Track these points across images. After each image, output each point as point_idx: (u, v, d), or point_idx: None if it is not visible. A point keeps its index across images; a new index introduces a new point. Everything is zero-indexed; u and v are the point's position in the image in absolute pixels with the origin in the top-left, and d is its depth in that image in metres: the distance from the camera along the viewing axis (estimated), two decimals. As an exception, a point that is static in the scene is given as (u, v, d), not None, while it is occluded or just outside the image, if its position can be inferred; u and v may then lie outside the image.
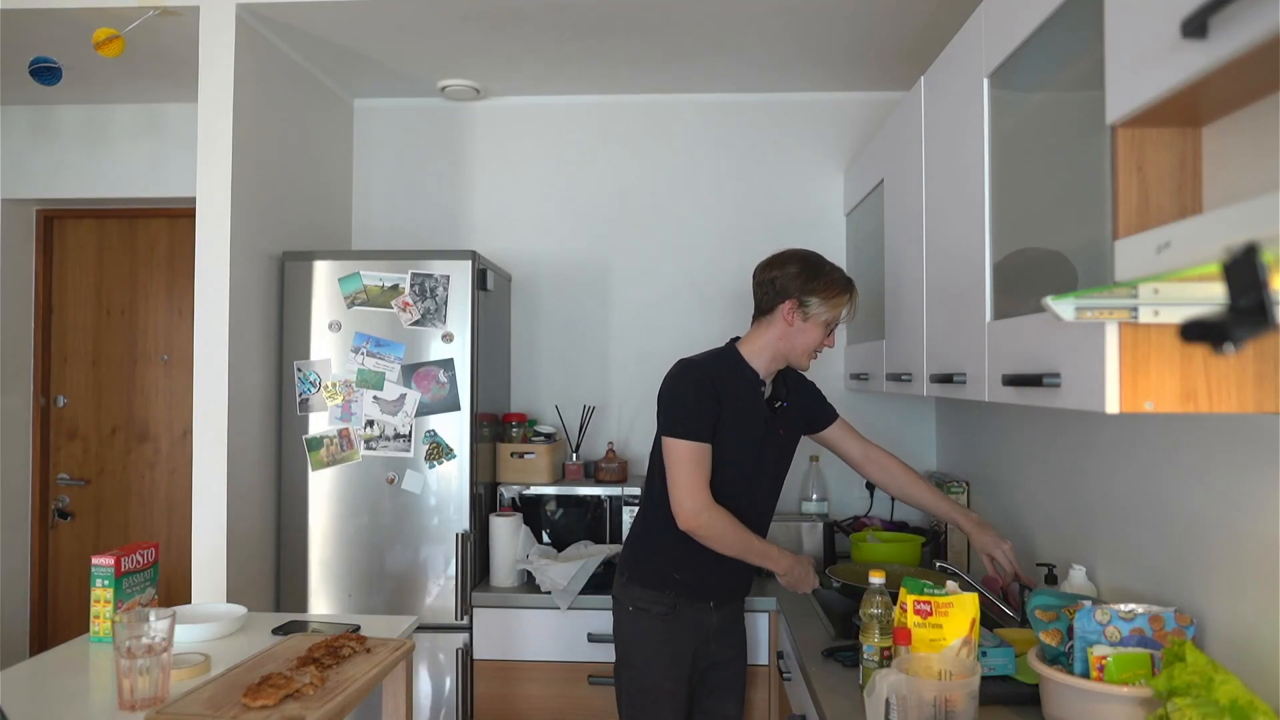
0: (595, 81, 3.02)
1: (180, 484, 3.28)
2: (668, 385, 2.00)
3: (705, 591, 2.05)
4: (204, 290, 2.39)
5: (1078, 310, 1.00)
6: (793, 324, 2.00)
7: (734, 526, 1.95)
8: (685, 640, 2.03)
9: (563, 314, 3.17)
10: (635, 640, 2.04)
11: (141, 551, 1.93)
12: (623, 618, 2.06)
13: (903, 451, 3.05)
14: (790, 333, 2.00)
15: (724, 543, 1.95)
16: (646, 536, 2.07)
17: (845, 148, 3.11)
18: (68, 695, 1.58)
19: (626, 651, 2.05)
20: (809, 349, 2.02)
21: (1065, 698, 1.36)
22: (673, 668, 2.01)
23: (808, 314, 1.98)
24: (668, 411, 1.98)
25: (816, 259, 2.03)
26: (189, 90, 2.89)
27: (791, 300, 1.98)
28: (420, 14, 2.45)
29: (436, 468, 2.55)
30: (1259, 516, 1.28)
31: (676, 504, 1.93)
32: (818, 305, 1.98)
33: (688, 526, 1.93)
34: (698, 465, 1.92)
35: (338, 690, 1.50)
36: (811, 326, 2.00)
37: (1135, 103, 1.03)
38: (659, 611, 2.01)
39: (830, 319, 2.00)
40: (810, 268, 2.00)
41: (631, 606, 2.04)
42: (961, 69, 1.69)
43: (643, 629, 2.02)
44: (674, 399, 1.98)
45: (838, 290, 1.99)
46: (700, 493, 1.92)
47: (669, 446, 1.96)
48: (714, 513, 1.93)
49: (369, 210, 3.22)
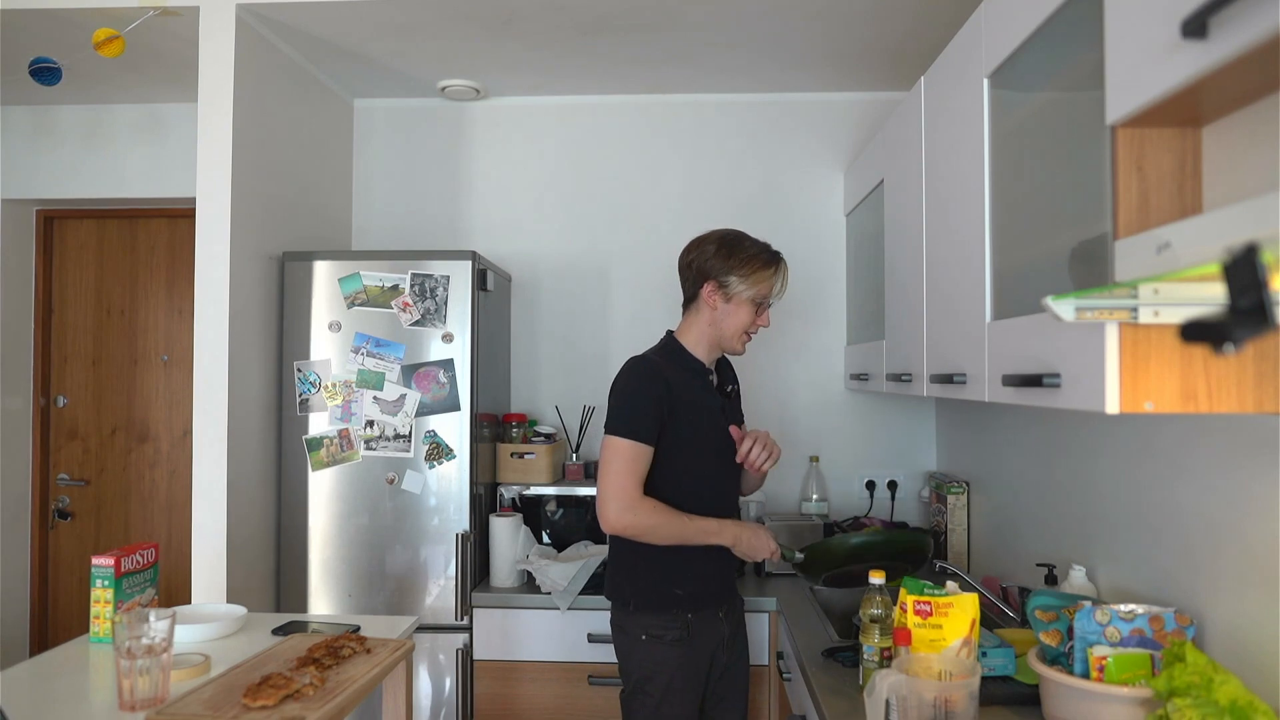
0: (595, 81, 3.02)
1: (180, 484, 3.28)
2: (617, 382, 1.92)
3: (711, 597, 1.96)
4: (204, 290, 2.39)
5: (1078, 310, 1.00)
6: (716, 307, 1.91)
7: (665, 515, 1.84)
8: (701, 660, 1.94)
9: (563, 314, 3.17)
10: (651, 670, 1.91)
11: (141, 552, 1.93)
12: (634, 647, 1.93)
13: (903, 451, 3.06)
14: (716, 316, 1.92)
15: (658, 534, 1.85)
16: (634, 557, 1.94)
17: (845, 148, 3.11)
18: (68, 695, 1.58)
19: (644, 680, 1.91)
20: (738, 331, 1.93)
21: (1065, 698, 1.36)
22: (691, 691, 1.92)
23: (729, 294, 1.90)
24: (613, 408, 1.89)
25: (735, 235, 1.94)
26: (189, 90, 2.89)
27: (711, 282, 1.90)
28: (420, 14, 2.45)
29: (436, 468, 2.55)
30: (1259, 516, 1.28)
31: (601, 504, 1.84)
32: (738, 283, 1.89)
33: (614, 528, 1.84)
34: (631, 464, 1.83)
35: (338, 690, 1.50)
36: (736, 307, 1.90)
37: (1135, 103, 1.03)
38: (674, 638, 1.90)
39: (755, 296, 1.90)
40: (727, 244, 1.91)
41: (644, 635, 1.91)
42: (961, 69, 1.69)
43: (659, 658, 1.90)
44: (621, 396, 1.89)
45: (759, 265, 1.90)
46: (627, 493, 1.82)
47: (606, 444, 1.86)
48: (640, 508, 1.83)
49: (369, 210, 3.22)
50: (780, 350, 3.08)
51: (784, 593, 2.45)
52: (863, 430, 3.09)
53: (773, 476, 3.06)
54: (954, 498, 2.62)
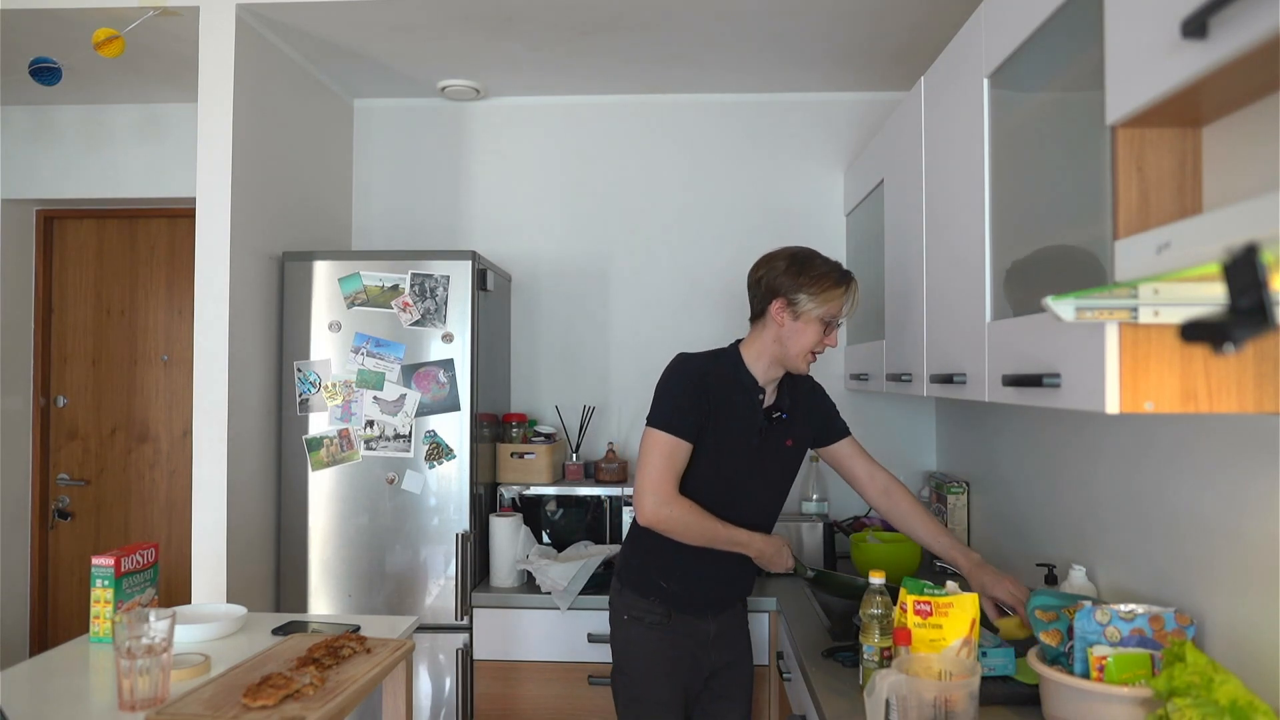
0: (595, 81, 3.02)
1: (180, 484, 3.28)
2: (664, 376, 1.94)
3: (695, 603, 1.99)
4: (204, 290, 2.39)
5: (1078, 310, 1.00)
6: (783, 324, 1.88)
7: (699, 516, 1.87)
8: (681, 648, 1.98)
9: (563, 314, 3.17)
10: (630, 648, 1.99)
11: (141, 552, 1.93)
12: (618, 625, 2.02)
13: (903, 451, 3.06)
14: (782, 334, 1.89)
15: (689, 534, 1.87)
16: (635, 542, 2.03)
17: (845, 148, 3.11)
18: (68, 695, 1.58)
19: (622, 659, 2.01)
20: (804, 350, 1.89)
21: (1065, 698, 1.36)
22: (669, 676, 1.96)
23: (798, 312, 1.86)
24: (656, 400, 1.92)
25: (807, 254, 1.91)
26: (189, 90, 2.89)
27: (780, 299, 1.87)
28: (420, 14, 2.45)
29: (436, 468, 2.55)
30: (1259, 516, 1.28)
31: (638, 496, 1.86)
32: (808, 301, 1.85)
33: (649, 521, 1.86)
34: (669, 459, 1.85)
35: (338, 690, 1.50)
36: (804, 325, 1.87)
37: (1135, 103, 1.03)
38: (652, 620, 1.96)
39: (825, 315, 1.87)
40: (798, 262, 1.88)
41: (626, 615, 1.99)
42: (961, 69, 1.69)
43: (637, 637, 1.98)
44: (664, 390, 1.92)
45: (829, 284, 1.86)
46: (664, 487, 1.84)
47: (646, 437, 1.89)
48: (676, 505, 1.85)
49: (369, 210, 3.22)
50: (780, 350, 3.07)
51: (784, 593, 2.45)
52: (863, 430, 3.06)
53: (773, 476, 3.07)
54: (954, 498, 2.62)
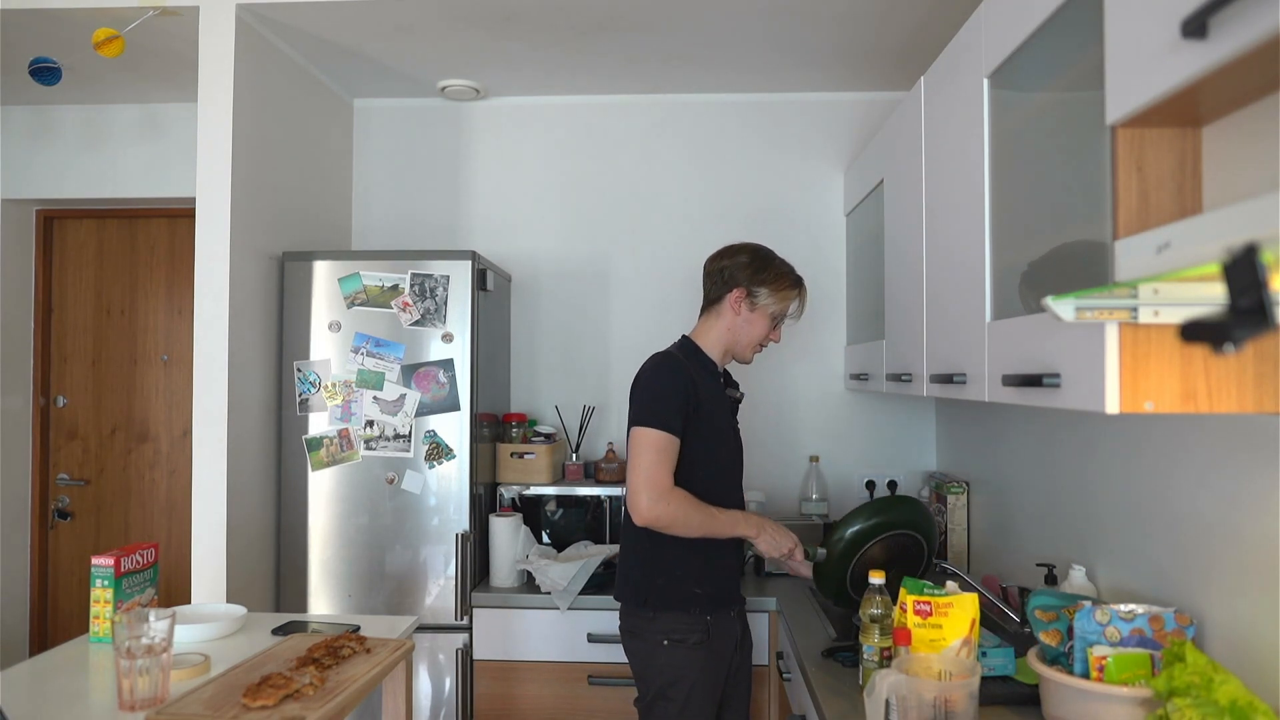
0: (595, 81, 3.02)
1: (180, 484, 3.28)
2: (644, 376, 1.97)
3: (728, 596, 1.99)
4: (204, 290, 2.39)
5: (1077, 310, 1.00)
6: (739, 314, 2.02)
7: (695, 506, 1.88)
8: (721, 662, 1.97)
9: (563, 314, 3.17)
10: (675, 675, 1.91)
11: (141, 552, 1.93)
12: (654, 652, 1.92)
13: (903, 451, 3.06)
14: (737, 323, 2.03)
15: (689, 524, 1.87)
16: (652, 562, 1.95)
17: (845, 148, 3.11)
18: (68, 695, 1.58)
19: (665, 686, 1.91)
20: (754, 341, 2.04)
21: (1065, 698, 1.36)
22: (712, 693, 1.95)
23: (755, 304, 2.01)
24: (641, 401, 1.93)
25: (767, 251, 2.06)
26: (189, 90, 2.89)
27: (739, 289, 2.01)
28: (420, 14, 2.45)
29: (436, 468, 2.55)
30: (1259, 516, 1.28)
31: (633, 495, 1.87)
32: (766, 296, 2.01)
33: (646, 519, 1.85)
34: (662, 455, 1.87)
35: (338, 690, 1.50)
36: (758, 318, 2.02)
37: (1135, 103, 1.03)
38: (695, 640, 1.91)
39: (777, 312, 2.03)
40: (760, 259, 2.03)
41: (666, 640, 1.91)
42: (961, 69, 1.69)
43: (682, 661, 1.90)
44: (648, 389, 1.94)
45: (787, 284, 2.03)
46: (658, 484, 1.85)
47: (636, 436, 1.89)
48: (672, 498, 1.86)
49: (369, 210, 3.22)
50: (780, 350, 3.07)
51: (784, 593, 2.45)
52: (863, 430, 3.09)
53: (773, 476, 3.07)
54: (954, 498, 2.62)
